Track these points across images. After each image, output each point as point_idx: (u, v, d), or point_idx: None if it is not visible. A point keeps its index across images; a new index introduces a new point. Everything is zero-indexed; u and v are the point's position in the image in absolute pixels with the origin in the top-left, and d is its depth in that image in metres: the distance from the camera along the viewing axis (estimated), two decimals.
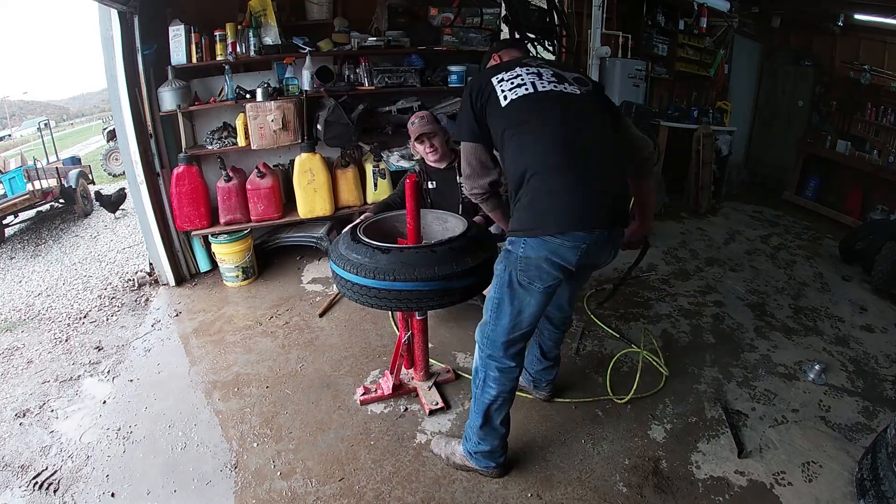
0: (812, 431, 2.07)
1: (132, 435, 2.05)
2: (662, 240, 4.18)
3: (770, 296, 3.30)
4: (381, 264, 1.67)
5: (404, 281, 1.65)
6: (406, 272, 1.65)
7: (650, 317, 2.95)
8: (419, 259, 1.68)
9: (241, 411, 2.17)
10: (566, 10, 4.46)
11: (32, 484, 1.82)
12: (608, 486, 1.79)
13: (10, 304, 3.58)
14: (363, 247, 1.75)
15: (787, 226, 4.85)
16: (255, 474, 1.84)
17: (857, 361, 2.59)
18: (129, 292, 3.42)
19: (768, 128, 6.37)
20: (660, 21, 5.41)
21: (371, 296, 1.71)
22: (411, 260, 1.67)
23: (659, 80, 5.58)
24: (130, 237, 5.28)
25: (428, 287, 1.67)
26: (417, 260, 1.67)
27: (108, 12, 2.87)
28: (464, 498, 1.73)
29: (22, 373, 2.54)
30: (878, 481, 1.62)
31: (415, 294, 1.69)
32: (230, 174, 3.30)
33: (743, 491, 1.78)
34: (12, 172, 6.46)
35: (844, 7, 5.09)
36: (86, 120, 33.11)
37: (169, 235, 3.32)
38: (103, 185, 8.83)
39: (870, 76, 5.14)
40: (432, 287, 1.67)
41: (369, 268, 1.67)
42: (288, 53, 3.38)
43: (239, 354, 2.58)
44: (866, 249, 3.60)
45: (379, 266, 1.67)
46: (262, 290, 3.30)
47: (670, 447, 1.97)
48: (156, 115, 3.15)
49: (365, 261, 1.69)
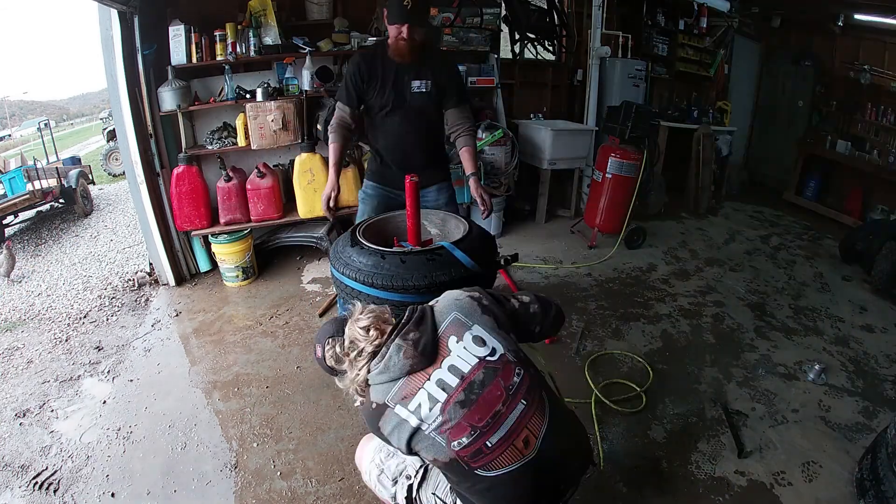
0: (812, 431, 2.07)
1: (132, 435, 2.05)
2: (662, 240, 4.18)
3: (770, 296, 3.30)
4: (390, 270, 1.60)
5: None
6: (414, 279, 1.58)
7: (650, 317, 2.95)
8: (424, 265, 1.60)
9: (241, 411, 2.17)
10: (566, 10, 4.47)
11: (32, 484, 1.82)
12: (608, 485, 1.79)
13: (10, 304, 3.58)
14: (365, 251, 1.67)
15: (787, 226, 4.85)
16: (255, 474, 1.84)
17: (857, 361, 2.59)
18: (129, 292, 3.42)
19: (768, 128, 6.37)
20: (660, 21, 5.40)
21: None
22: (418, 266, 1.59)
23: (659, 80, 5.58)
24: (130, 237, 5.28)
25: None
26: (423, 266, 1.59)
27: (108, 12, 2.87)
28: None
29: (22, 373, 2.54)
30: (878, 481, 1.63)
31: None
32: (230, 174, 3.30)
33: (743, 491, 1.78)
34: (12, 172, 6.46)
35: (844, 7, 5.08)
36: (86, 120, 33.08)
37: (169, 235, 3.32)
38: (103, 185, 8.85)
39: (870, 76, 5.14)
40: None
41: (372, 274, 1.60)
42: (288, 53, 3.38)
43: (239, 354, 2.58)
44: (866, 249, 3.60)
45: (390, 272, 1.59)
46: (262, 290, 3.30)
47: (670, 447, 1.97)
48: (156, 115, 3.15)
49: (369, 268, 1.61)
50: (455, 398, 1.11)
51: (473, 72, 4.00)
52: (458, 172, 3.77)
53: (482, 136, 3.91)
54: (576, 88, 5.05)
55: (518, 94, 4.77)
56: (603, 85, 4.63)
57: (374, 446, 1.38)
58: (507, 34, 3.91)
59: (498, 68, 4.16)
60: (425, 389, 1.13)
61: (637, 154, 3.71)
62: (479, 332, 1.19)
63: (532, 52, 4.03)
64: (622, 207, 3.82)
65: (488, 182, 3.96)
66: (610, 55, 4.59)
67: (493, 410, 1.11)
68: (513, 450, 1.10)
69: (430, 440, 1.11)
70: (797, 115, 5.95)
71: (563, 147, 4.18)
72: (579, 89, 4.96)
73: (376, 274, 1.59)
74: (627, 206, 3.81)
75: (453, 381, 1.13)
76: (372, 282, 1.59)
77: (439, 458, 1.12)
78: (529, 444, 1.11)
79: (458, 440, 1.09)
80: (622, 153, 3.70)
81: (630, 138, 3.68)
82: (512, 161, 4.06)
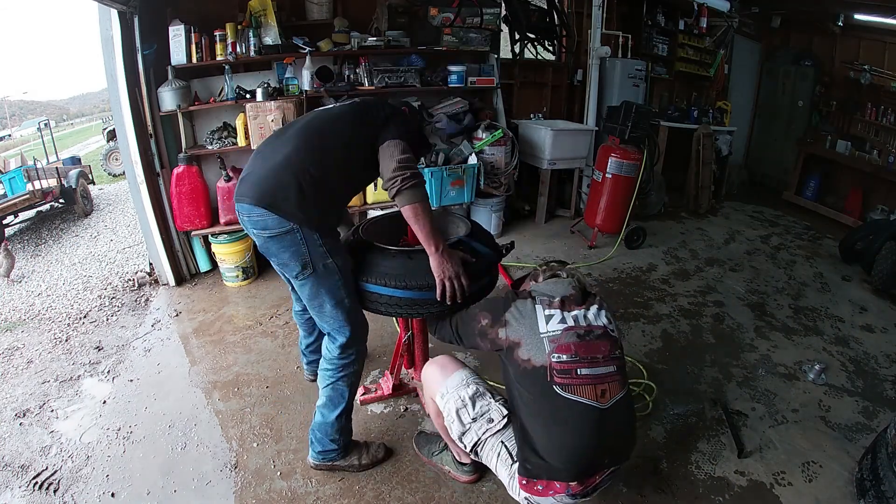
0: (812, 431, 2.07)
1: (132, 435, 2.05)
2: (662, 240, 4.18)
3: (770, 296, 3.30)
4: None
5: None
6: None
7: (650, 317, 2.95)
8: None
9: (241, 411, 2.17)
10: (566, 10, 4.47)
11: (32, 484, 1.82)
12: (608, 485, 1.79)
13: (10, 304, 3.58)
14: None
15: (787, 226, 4.85)
16: (255, 474, 1.84)
17: (857, 361, 2.59)
18: (129, 292, 3.42)
19: (768, 128, 6.37)
20: (660, 21, 5.41)
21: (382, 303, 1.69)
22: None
23: (659, 80, 5.59)
24: (130, 237, 5.28)
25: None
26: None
27: (108, 12, 2.87)
28: (463, 498, 1.73)
29: (22, 373, 2.54)
30: (878, 481, 1.62)
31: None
32: (230, 174, 3.30)
33: (743, 491, 1.78)
34: (12, 172, 6.46)
35: (844, 7, 5.09)
36: (86, 120, 33.07)
37: (169, 235, 3.32)
38: (103, 185, 8.85)
39: (870, 76, 5.14)
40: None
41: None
42: (288, 53, 3.38)
43: (239, 354, 2.58)
44: (866, 249, 3.60)
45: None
46: (262, 290, 3.30)
47: (670, 447, 1.97)
48: (156, 115, 3.15)
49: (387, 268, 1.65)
50: (576, 330, 1.37)
51: (473, 72, 4.00)
52: (458, 173, 3.79)
53: (482, 137, 3.92)
54: (576, 88, 5.06)
55: (518, 94, 4.77)
56: (603, 85, 4.63)
57: (458, 379, 1.48)
58: (507, 34, 3.91)
59: (498, 68, 4.16)
60: (563, 313, 1.39)
61: (637, 154, 3.71)
62: (610, 316, 1.46)
63: (532, 52, 4.03)
64: (622, 207, 3.82)
65: (488, 182, 3.96)
66: (610, 55, 4.59)
67: (594, 355, 1.35)
68: (593, 389, 1.32)
69: (539, 344, 1.35)
70: (797, 115, 5.96)
71: (562, 147, 4.18)
72: (579, 89, 4.96)
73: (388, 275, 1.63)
74: (627, 206, 3.81)
75: (583, 322, 1.39)
76: (385, 282, 1.63)
77: (534, 359, 1.34)
78: (605, 396, 1.32)
79: (559, 354, 1.33)
80: (622, 153, 3.70)
81: (630, 138, 3.68)
82: (512, 161, 4.07)
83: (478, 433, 1.42)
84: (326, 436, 1.75)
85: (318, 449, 1.78)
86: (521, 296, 1.47)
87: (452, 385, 1.47)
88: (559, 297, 1.42)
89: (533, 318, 1.39)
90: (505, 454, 1.40)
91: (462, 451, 1.58)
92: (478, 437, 1.42)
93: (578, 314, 1.41)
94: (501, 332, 1.42)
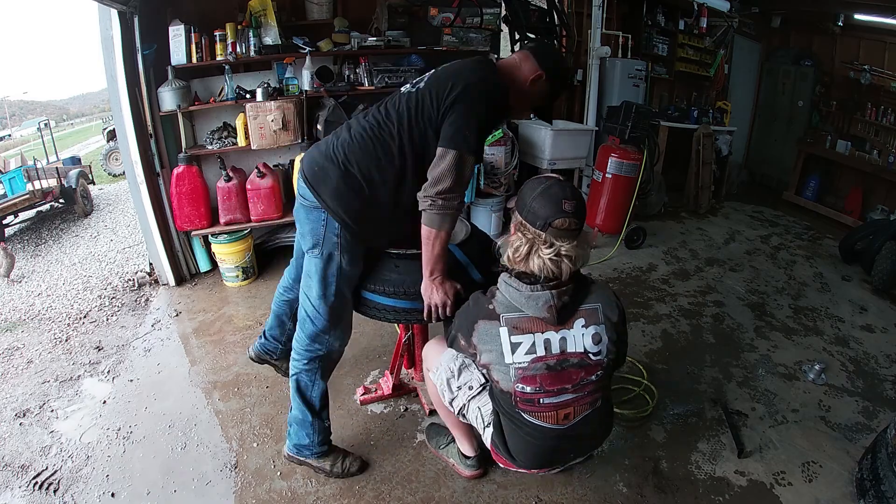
0: (812, 431, 2.07)
1: (132, 435, 2.05)
2: (662, 240, 4.18)
3: (770, 296, 3.30)
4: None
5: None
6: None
7: (650, 317, 2.95)
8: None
9: (241, 411, 2.17)
10: (566, 10, 4.46)
11: (32, 484, 1.82)
12: (608, 486, 1.79)
13: (10, 304, 3.58)
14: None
15: (787, 226, 4.85)
16: (255, 474, 1.84)
17: (857, 361, 2.59)
18: (129, 292, 3.41)
19: (768, 128, 6.36)
20: (660, 21, 5.40)
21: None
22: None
23: (659, 80, 5.58)
24: (130, 237, 5.28)
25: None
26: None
27: (108, 12, 2.87)
28: (464, 498, 1.73)
29: (22, 373, 2.54)
30: (878, 481, 1.63)
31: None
32: (230, 174, 3.30)
33: (743, 491, 1.78)
34: (12, 172, 6.46)
35: (844, 7, 5.08)
36: (86, 120, 33.07)
37: (169, 235, 3.32)
38: (103, 185, 8.84)
39: (870, 76, 5.13)
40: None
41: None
42: (288, 53, 3.38)
43: (239, 354, 2.58)
44: (866, 249, 3.60)
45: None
46: (263, 290, 3.30)
47: (670, 447, 1.97)
48: (156, 115, 3.15)
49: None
50: (545, 361, 1.31)
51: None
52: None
53: None
54: (576, 88, 5.05)
55: None
56: (603, 85, 4.62)
57: (450, 355, 1.53)
58: (507, 34, 3.90)
59: None
60: (534, 337, 1.31)
61: (637, 154, 3.71)
62: (602, 332, 1.34)
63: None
64: (622, 207, 3.81)
65: (488, 182, 3.96)
66: (610, 55, 4.59)
67: (563, 385, 1.33)
68: (554, 415, 1.35)
69: (506, 371, 1.33)
70: (797, 114, 5.95)
71: (562, 147, 4.17)
72: (579, 89, 4.96)
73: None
74: (627, 206, 3.81)
75: (556, 348, 1.32)
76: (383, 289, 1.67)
77: (502, 384, 1.36)
78: (568, 418, 1.36)
79: (523, 385, 1.33)
80: (622, 153, 3.70)
81: (630, 138, 3.68)
82: (512, 161, 4.06)
83: (462, 399, 1.51)
84: (302, 428, 1.77)
85: (294, 441, 1.80)
86: (487, 313, 1.35)
87: (445, 359, 1.54)
88: (530, 316, 1.31)
89: (498, 345, 1.32)
90: (479, 418, 1.50)
91: (457, 423, 1.66)
92: (462, 403, 1.51)
93: (552, 338, 1.31)
94: (476, 354, 1.41)
